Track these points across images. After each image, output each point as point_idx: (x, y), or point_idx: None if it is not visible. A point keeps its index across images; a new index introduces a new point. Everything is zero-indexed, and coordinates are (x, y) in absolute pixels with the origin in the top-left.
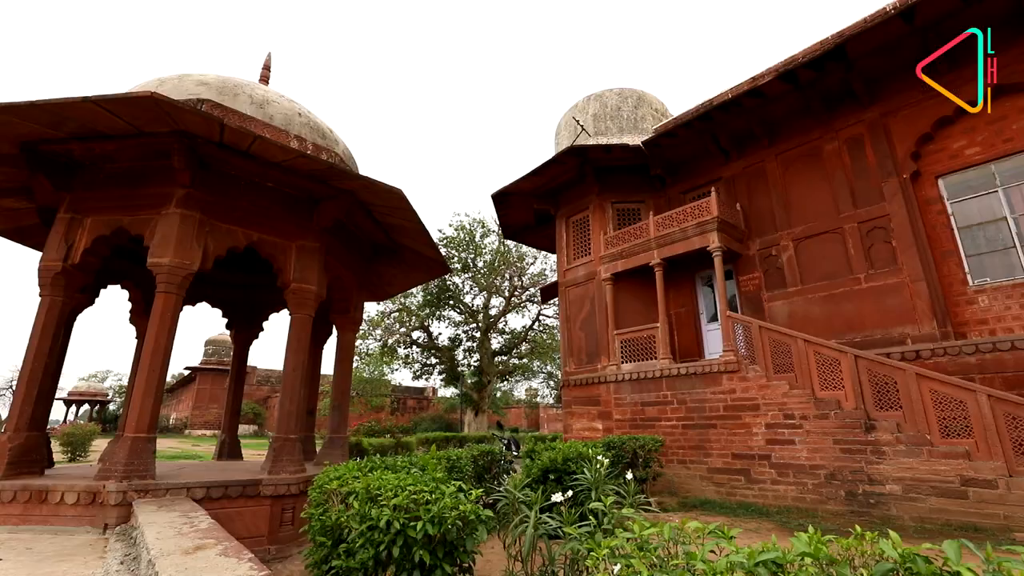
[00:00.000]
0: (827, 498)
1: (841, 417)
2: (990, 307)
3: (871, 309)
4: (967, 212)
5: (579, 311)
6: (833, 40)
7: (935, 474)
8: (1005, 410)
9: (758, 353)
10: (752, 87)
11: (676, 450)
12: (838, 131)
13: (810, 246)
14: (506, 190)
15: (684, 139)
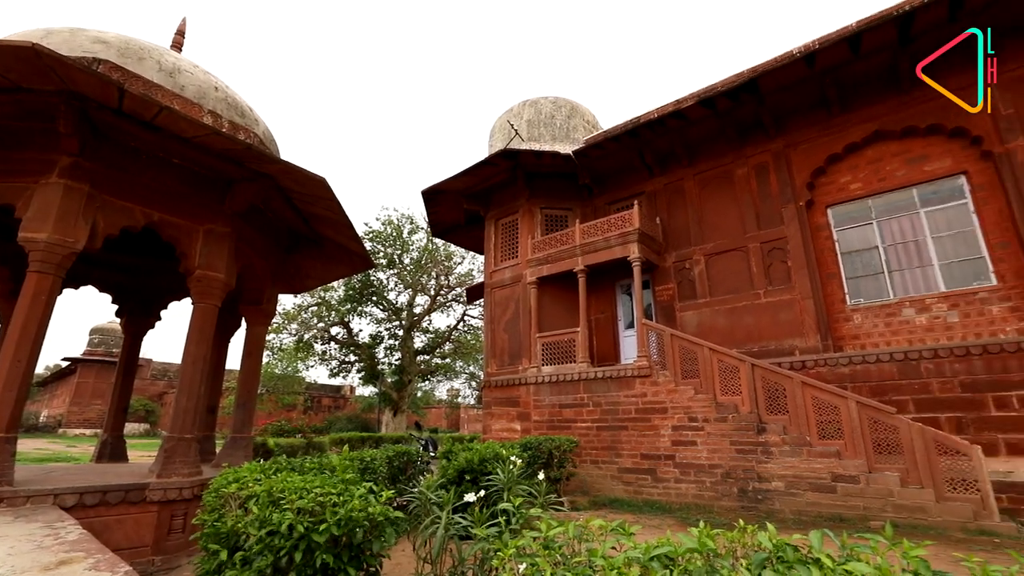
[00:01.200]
0: (722, 495)
1: (738, 420)
2: (862, 324)
3: (768, 322)
4: (848, 240)
5: (504, 313)
6: (747, 74)
7: (812, 472)
8: (869, 415)
9: (669, 359)
10: (676, 109)
11: (590, 451)
12: (748, 158)
13: (719, 261)
14: (437, 188)
15: (612, 152)
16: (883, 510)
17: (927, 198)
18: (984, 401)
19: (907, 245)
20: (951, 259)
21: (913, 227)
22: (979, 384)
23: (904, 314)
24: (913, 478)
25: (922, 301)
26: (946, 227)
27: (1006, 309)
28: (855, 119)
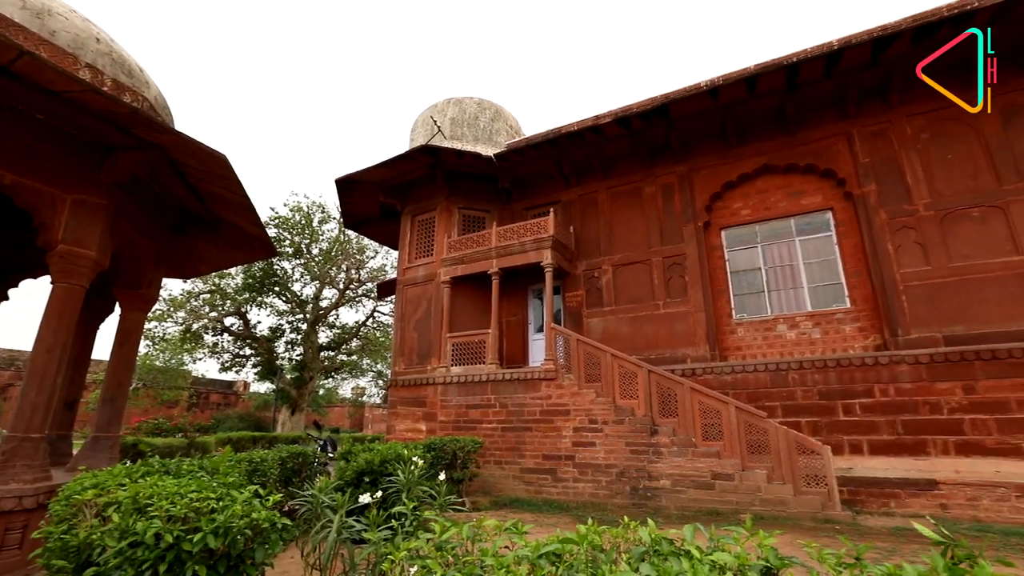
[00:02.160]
0: (616, 493)
1: (634, 423)
2: (744, 337)
3: (665, 331)
4: (737, 260)
5: (415, 311)
6: (660, 99)
7: (695, 470)
8: (745, 419)
9: (574, 363)
10: (594, 124)
11: (494, 451)
12: (657, 177)
13: (625, 272)
14: (353, 177)
15: (532, 159)
16: (752, 504)
17: (802, 228)
18: (835, 407)
19: (784, 268)
20: (817, 283)
21: (790, 253)
22: (832, 393)
23: (778, 329)
24: (777, 475)
25: (793, 319)
26: (815, 255)
27: (855, 329)
28: (748, 152)
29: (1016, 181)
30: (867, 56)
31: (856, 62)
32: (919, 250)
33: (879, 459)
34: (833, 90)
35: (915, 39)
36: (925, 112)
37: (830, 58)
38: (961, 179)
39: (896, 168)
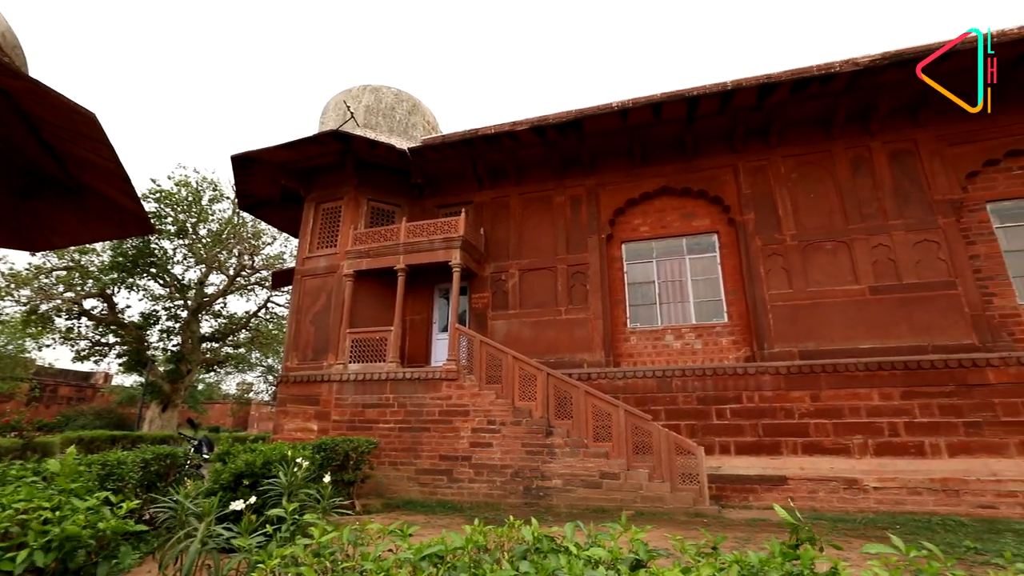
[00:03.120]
0: (510, 493)
1: (531, 424)
2: (636, 345)
3: (566, 337)
4: (634, 273)
5: (313, 303)
6: (575, 114)
7: (585, 470)
8: (632, 422)
9: (476, 364)
10: (511, 130)
11: (390, 452)
12: (567, 188)
13: (531, 277)
14: (252, 155)
15: (447, 157)
16: (634, 501)
17: (692, 247)
18: (710, 412)
19: (675, 283)
20: (702, 298)
21: (680, 269)
22: (708, 399)
23: (666, 339)
24: (658, 474)
25: (679, 330)
26: (701, 273)
27: (730, 341)
28: (650, 173)
29: (858, 221)
30: (753, 99)
31: (745, 103)
32: (785, 275)
33: (743, 458)
34: (725, 126)
35: (792, 90)
36: (796, 155)
37: (724, 96)
38: (819, 216)
39: (771, 201)
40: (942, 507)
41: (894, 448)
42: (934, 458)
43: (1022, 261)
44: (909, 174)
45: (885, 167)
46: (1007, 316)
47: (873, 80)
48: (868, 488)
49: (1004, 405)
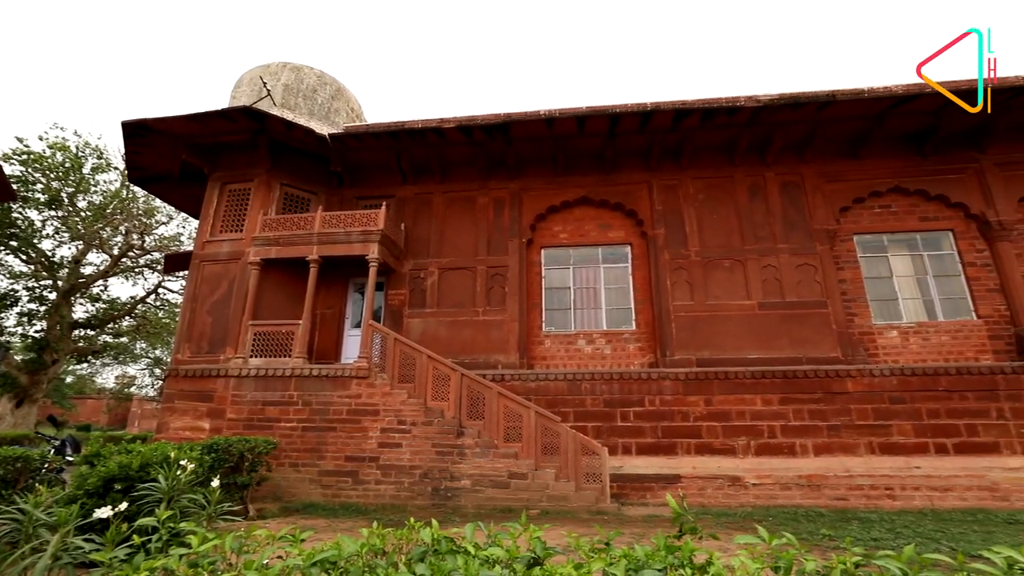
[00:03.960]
0: (418, 494)
1: (442, 424)
2: (550, 348)
3: (482, 337)
4: (551, 278)
5: (212, 291)
6: (503, 118)
7: (494, 470)
8: (542, 423)
9: (388, 363)
10: (438, 126)
11: (291, 452)
12: (491, 190)
13: (451, 276)
14: (148, 124)
15: (370, 147)
16: (540, 500)
17: (606, 257)
18: (615, 414)
19: (589, 290)
20: (613, 306)
21: (595, 277)
22: (614, 402)
23: (578, 344)
24: (564, 473)
25: (591, 335)
26: (614, 282)
27: (637, 348)
28: (572, 182)
29: (752, 243)
30: (669, 122)
31: (661, 125)
32: (688, 288)
33: (643, 458)
34: (643, 144)
35: (703, 118)
36: (703, 177)
37: (643, 117)
38: (720, 235)
39: (680, 218)
40: (807, 500)
41: (771, 448)
42: (802, 457)
43: (878, 287)
44: (795, 204)
45: (776, 196)
46: (864, 334)
47: (771, 117)
48: (748, 485)
49: (858, 411)
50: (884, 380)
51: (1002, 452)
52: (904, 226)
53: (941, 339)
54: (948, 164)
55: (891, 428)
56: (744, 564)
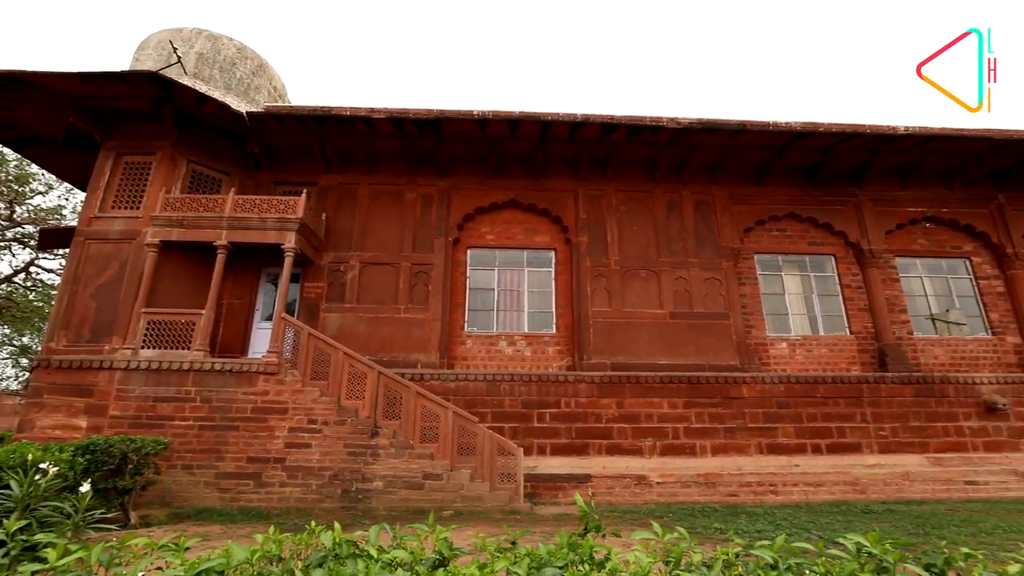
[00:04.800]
0: (326, 497)
1: (356, 424)
2: (471, 348)
3: (402, 335)
4: (476, 278)
5: (99, 273)
6: (436, 113)
7: (409, 471)
8: (460, 423)
9: (301, 359)
10: (367, 116)
11: (185, 453)
12: (420, 186)
13: (373, 271)
14: (24, 77)
15: (293, 131)
16: (454, 501)
17: (531, 261)
18: (532, 415)
19: (513, 292)
20: (535, 309)
21: (519, 280)
22: (532, 403)
23: (500, 345)
24: (479, 474)
25: (512, 337)
26: (537, 286)
27: (556, 351)
28: (502, 185)
29: (667, 256)
30: (597, 134)
31: (590, 136)
32: (606, 295)
33: (557, 459)
34: (572, 153)
35: (629, 133)
36: (626, 190)
37: (574, 126)
38: (639, 247)
39: (602, 227)
40: (703, 497)
41: (675, 449)
42: (701, 457)
43: (772, 302)
44: (707, 222)
45: (691, 213)
46: (759, 344)
47: (689, 139)
48: (653, 483)
49: (751, 414)
50: (773, 387)
51: (863, 451)
52: (796, 248)
53: (821, 351)
54: (833, 196)
55: (777, 430)
56: (638, 559)
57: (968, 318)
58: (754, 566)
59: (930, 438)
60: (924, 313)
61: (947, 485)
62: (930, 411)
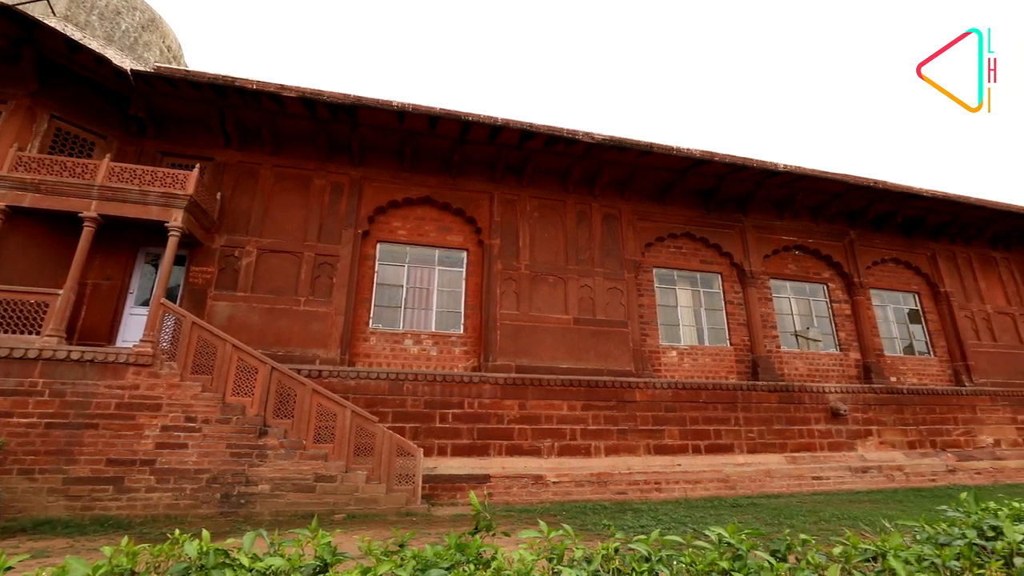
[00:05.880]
0: (202, 502)
1: (242, 422)
2: (375, 346)
3: (301, 329)
4: (385, 274)
5: None
6: (352, 99)
7: (299, 473)
8: (358, 423)
9: (181, 350)
10: (276, 92)
11: (24, 456)
12: (330, 173)
13: (272, 259)
14: None
15: (187, 97)
16: (348, 504)
17: (443, 259)
18: (435, 416)
19: (422, 290)
20: (444, 309)
21: (429, 278)
22: (435, 403)
23: (405, 343)
24: (376, 475)
25: (419, 336)
26: (448, 284)
27: (462, 351)
28: (417, 180)
29: (575, 264)
30: (516, 140)
31: (508, 141)
32: (515, 298)
33: (457, 459)
34: (490, 155)
35: (546, 142)
36: (540, 197)
37: (493, 130)
38: (549, 253)
39: (515, 232)
40: (595, 495)
41: (571, 449)
42: (595, 457)
43: (666, 313)
44: (613, 234)
45: (599, 225)
46: (653, 352)
47: (602, 154)
48: (549, 483)
49: (642, 417)
50: (663, 392)
51: (735, 451)
52: (689, 265)
53: (705, 360)
54: (723, 220)
55: (664, 432)
56: (522, 556)
57: (823, 335)
58: (630, 559)
59: (788, 439)
60: (790, 330)
61: (799, 480)
62: (789, 416)
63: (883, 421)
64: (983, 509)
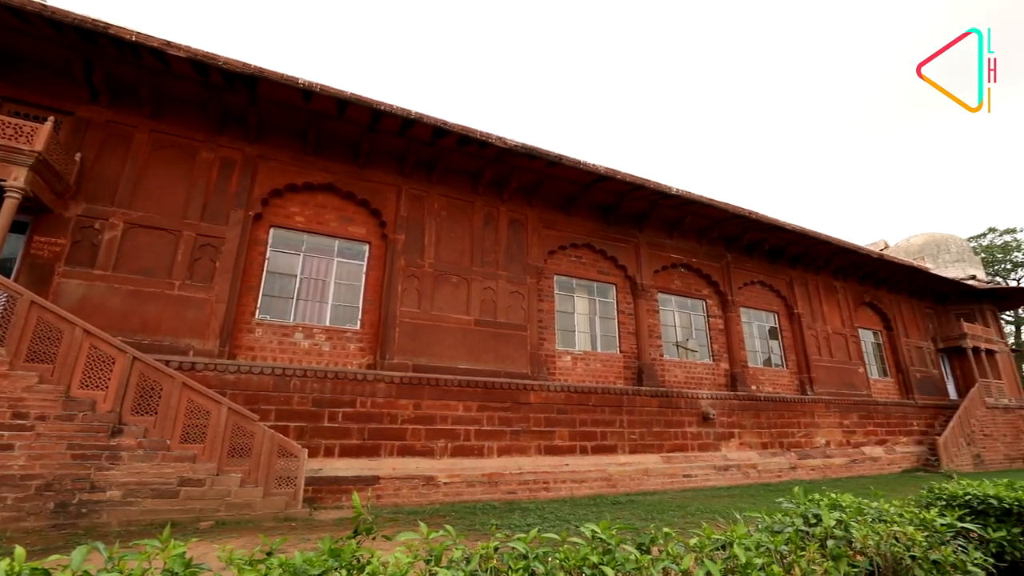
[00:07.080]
0: (29, 513)
1: (90, 419)
2: (261, 338)
3: (173, 316)
4: (277, 262)
5: None
6: (253, 69)
7: (160, 477)
8: (235, 421)
9: (14, 333)
10: (160, 48)
11: None
12: (220, 147)
13: (141, 235)
14: None
15: (44, 37)
16: (217, 510)
17: (342, 251)
18: (323, 415)
19: (318, 282)
20: (340, 303)
21: (327, 269)
22: (324, 401)
23: (295, 337)
24: (252, 478)
25: (311, 329)
26: (346, 278)
27: (358, 348)
28: (320, 165)
29: (480, 266)
30: (428, 135)
31: (421, 136)
32: (417, 296)
33: (345, 460)
34: (400, 148)
35: (459, 142)
36: (449, 196)
37: (406, 122)
38: (454, 253)
39: (421, 229)
40: (486, 495)
41: (464, 450)
42: (488, 458)
43: (564, 319)
44: (518, 240)
45: (505, 229)
46: (549, 356)
47: (513, 160)
48: (440, 484)
49: (535, 419)
50: (556, 395)
51: (618, 452)
52: (588, 275)
53: (597, 366)
54: (621, 235)
55: (555, 434)
56: (398, 559)
57: (700, 347)
58: (508, 558)
59: (665, 441)
60: (672, 340)
61: (672, 479)
62: (667, 419)
63: (744, 425)
64: (809, 500)
